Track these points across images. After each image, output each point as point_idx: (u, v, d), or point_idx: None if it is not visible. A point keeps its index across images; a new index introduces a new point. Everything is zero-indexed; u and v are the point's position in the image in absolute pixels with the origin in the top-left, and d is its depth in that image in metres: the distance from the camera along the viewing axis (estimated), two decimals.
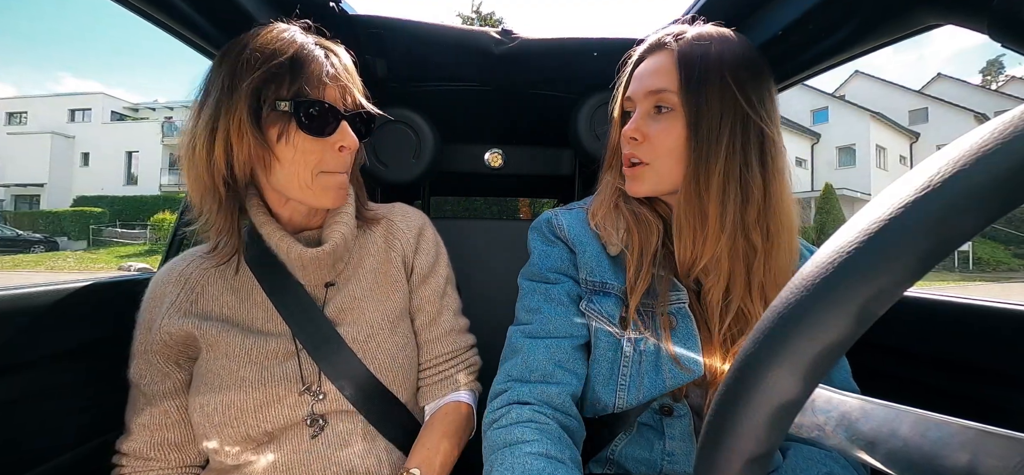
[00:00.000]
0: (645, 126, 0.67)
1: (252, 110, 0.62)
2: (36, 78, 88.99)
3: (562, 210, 0.77)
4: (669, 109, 0.65)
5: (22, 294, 0.70)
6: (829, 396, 0.25)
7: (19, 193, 26.09)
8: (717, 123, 0.62)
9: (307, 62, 0.64)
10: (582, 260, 0.71)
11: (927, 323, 0.85)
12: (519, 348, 0.68)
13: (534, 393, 0.63)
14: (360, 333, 0.72)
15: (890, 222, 0.19)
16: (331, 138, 0.67)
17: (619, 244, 0.69)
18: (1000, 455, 0.20)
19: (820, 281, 0.20)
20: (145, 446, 0.68)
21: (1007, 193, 0.17)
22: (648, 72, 0.67)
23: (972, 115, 24.43)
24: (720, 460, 0.24)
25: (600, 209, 0.72)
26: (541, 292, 0.71)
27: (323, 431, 0.68)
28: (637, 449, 0.70)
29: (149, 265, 11.21)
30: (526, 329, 0.69)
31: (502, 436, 0.59)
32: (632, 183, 0.69)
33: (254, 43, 0.64)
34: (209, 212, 0.67)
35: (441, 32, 1.08)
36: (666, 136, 0.65)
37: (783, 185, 0.65)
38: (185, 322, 0.68)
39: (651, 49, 0.69)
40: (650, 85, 0.66)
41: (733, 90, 0.62)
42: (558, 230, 0.74)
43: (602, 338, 0.68)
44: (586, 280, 0.70)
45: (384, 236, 0.81)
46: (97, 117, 26.89)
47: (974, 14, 0.58)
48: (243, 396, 0.65)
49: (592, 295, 0.69)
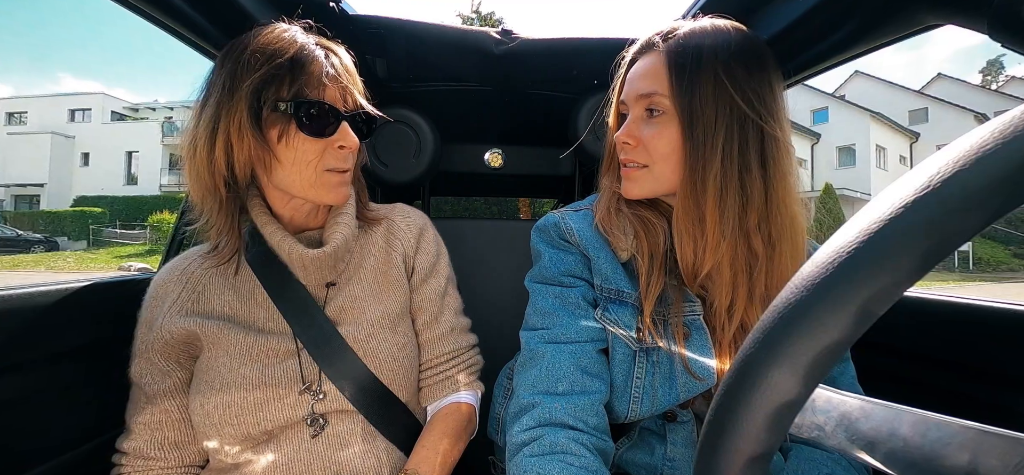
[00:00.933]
0: (638, 130, 0.65)
1: (252, 111, 0.63)
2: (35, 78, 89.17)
3: (569, 213, 0.74)
4: (661, 112, 0.63)
5: (22, 294, 0.70)
6: (829, 396, 0.25)
7: (19, 193, 26.07)
8: (712, 124, 0.59)
9: (307, 63, 0.64)
10: (597, 266, 0.68)
11: (927, 323, 0.85)
12: (540, 355, 0.65)
13: (567, 410, 0.60)
14: (361, 333, 0.72)
15: (890, 222, 0.19)
16: (332, 138, 0.67)
17: (629, 249, 0.67)
18: (1000, 455, 0.20)
19: (820, 281, 0.20)
20: (146, 445, 0.67)
21: (1007, 193, 0.17)
22: (639, 75, 0.66)
23: (972, 115, 24.44)
24: (720, 460, 0.24)
25: (604, 214, 0.70)
26: (556, 295, 0.68)
27: (323, 431, 0.68)
28: (639, 454, 0.70)
29: (149, 265, 11.20)
30: (545, 334, 0.66)
31: (536, 467, 0.56)
32: (628, 186, 0.68)
33: (254, 44, 0.64)
34: (210, 212, 0.68)
35: (441, 32, 1.08)
36: (659, 140, 0.63)
37: (787, 188, 0.62)
38: (187, 321, 0.68)
39: (641, 50, 0.68)
40: (640, 88, 0.64)
41: (728, 88, 0.59)
42: (569, 234, 0.71)
43: (618, 348, 0.66)
44: (601, 287, 0.68)
45: (385, 236, 0.82)
46: (97, 117, 26.87)
47: (974, 14, 0.58)
48: (243, 395, 0.65)
49: (608, 303, 0.67)
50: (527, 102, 1.35)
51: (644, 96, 0.64)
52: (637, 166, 0.66)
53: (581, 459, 0.57)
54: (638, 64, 0.67)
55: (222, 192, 0.66)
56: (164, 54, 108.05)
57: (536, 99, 1.33)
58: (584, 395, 0.62)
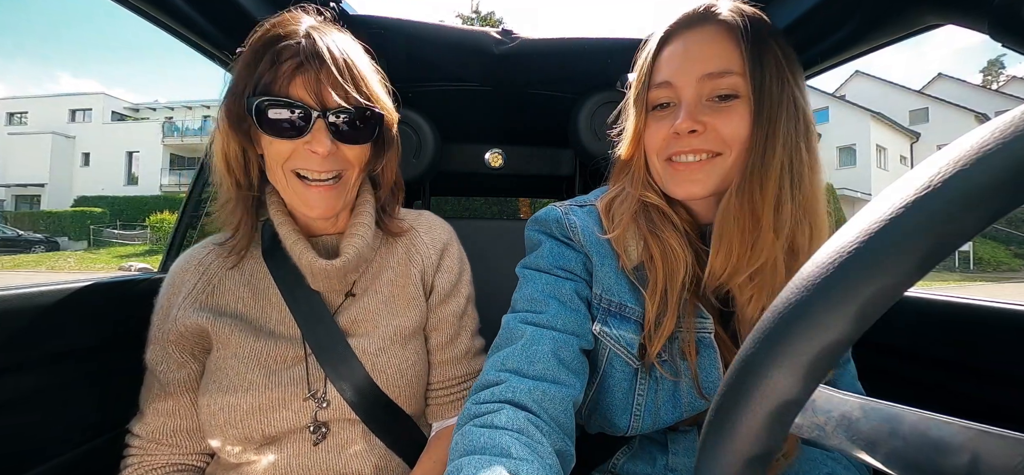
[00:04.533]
0: (703, 114, 0.56)
1: (231, 109, 0.62)
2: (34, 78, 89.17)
3: (573, 208, 0.68)
4: (735, 94, 0.55)
5: (22, 294, 0.70)
6: (829, 396, 0.25)
7: (20, 193, 26.09)
8: (778, 106, 0.54)
9: (279, 54, 0.59)
10: (599, 274, 0.63)
11: (927, 323, 0.85)
12: (518, 335, 0.58)
13: (534, 395, 0.52)
14: (371, 346, 0.70)
15: (891, 222, 0.19)
16: (299, 140, 0.62)
17: (636, 258, 0.61)
18: (1001, 455, 0.20)
19: (821, 281, 0.20)
20: (158, 431, 0.68)
21: (1008, 193, 0.17)
22: (701, 53, 0.56)
23: (973, 115, 24.42)
24: (721, 460, 0.24)
25: (618, 222, 0.63)
26: (548, 284, 0.63)
27: (325, 439, 0.68)
28: (639, 464, 0.68)
29: (150, 265, 11.19)
30: (528, 316, 0.60)
31: (483, 438, 0.45)
32: (688, 185, 0.58)
33: (253, 36, 0.63)
34: (224, 199, 0.69)
35: (441, 32, 1.08)
36: (736, 124, 0.55)
37: (821, 173, 0.58)
38: (200, 316, 0.68)
39: (695, 22, 0.58)
40: (707, 67, 0.55)
41: (784, 67, 0.55)
42: (572, 232, 0.65)
43: (617, 365, 0.62)
44: (602, 297, 0.62)
45: (406, 249, 0.79)
46: (98, 117, 26.88)
47: (975, 14, 0.58)
48: (249, 399, 0.65)
49: (608, 316, 0.62)
50: (527, 102, 1.35)
51: (713, 76, 0.55)
52: (708, 156, 0.57)
53: (540, 446, 0.46)
54: (694, 39, 0.58)
55: (233, 182, 0.67)
56: (165, 54, 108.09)
57: (536, 99, 1.33)
58: (557, 385, 0.54)
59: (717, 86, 0.55)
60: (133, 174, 25.82)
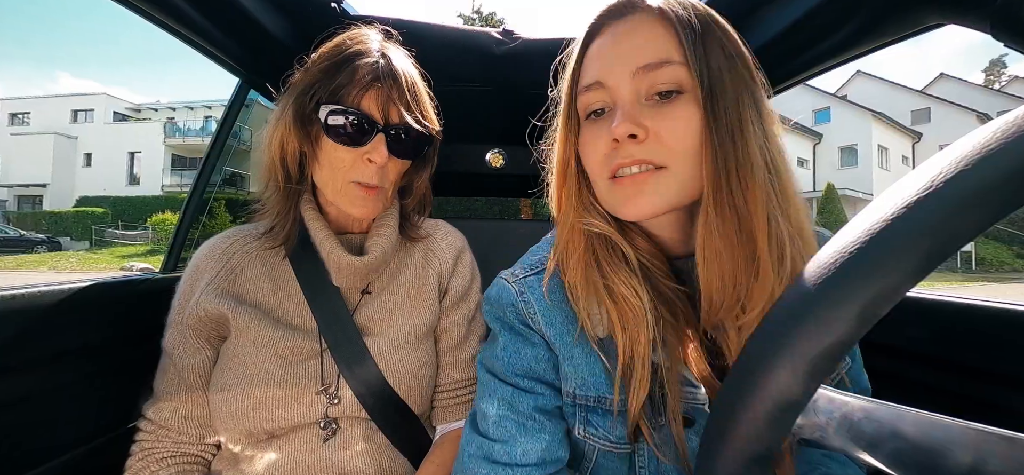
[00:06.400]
0: (644, 116, 0.47)
1: (299, 109, 0.66)
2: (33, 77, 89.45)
3: (528, 279, 0.58)
4: (678, 89, 0.46)
5: (23, 294, 0.70)
6: (831, 396, 0.25)
7: (22, 193, 26.15)
8: (734, 97, 0.45)
9: (354, 69, 0.65)
10: (567, 367, 0.54)
11: (929, 323, 0.85)
12: (477, 467, 0.52)
13: None
14: (386, 344, 0.72)
15: (892, 222, 0.19)
16: (362, 149, 0.67)
17: (603, 326, 0.52)
18: (1003, 456, 0.20)
19: (822, 281, 0.20)
20: (169, 416, 0.68)
21: (1010, 193, 0.17)
22: (631, 44, 0.48)
23: (975, 115, 24.37)
24: (722, 460, 0.24)
25: (576, 272, 0.53)
26: (504, 400, 0.54)
27: (335, 435, 0.68)
28: None
29: (151, 265, 11.22)
30: (484, 446, 0.53)
31: None
32: (639, 198, 0.48)
33: (325, 45, 0.68)
34: (270, 193, 0.72)
35: (442, 32, 1.08)
36: (681, 125, 0.46)
37: (792, 173, 0.49)
38: (220, 302, 0.69)
39: (624, 9, 0.49)
40: (641, 59, 0.47)
41: (729, 49, 0.47)
42: (530, 318, 0.55)
43: (609, 457, 0.54)
44: (577, 395, 0.53)
45: (424, 253, 0.82)
46: (100, 118, 26.95)
47: (977, 13, 0.58)
48: (264, 390, 0.66)
49: (588, 414, 0.53)
50: (528, 102, 1.35)
51: (649, 68, 0.46)
52: (651, 168, 0.47)
53: None
54: (623, 29, 0.49)
55: (279, 177, 0.70)
56: (165, 54, 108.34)
57: (537, 99, 1.33)
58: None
59: (656, 80, 0.46)
60: (135, 174, 25.87)
